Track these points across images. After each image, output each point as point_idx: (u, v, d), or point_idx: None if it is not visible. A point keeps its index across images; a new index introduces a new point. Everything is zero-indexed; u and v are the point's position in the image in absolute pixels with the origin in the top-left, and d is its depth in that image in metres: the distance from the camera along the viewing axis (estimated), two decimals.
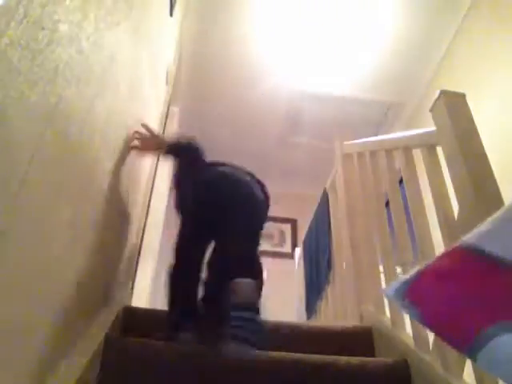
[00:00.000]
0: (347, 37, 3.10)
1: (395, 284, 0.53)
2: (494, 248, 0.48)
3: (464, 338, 0.45)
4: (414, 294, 0.51)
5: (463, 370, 1.01)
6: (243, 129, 3.96)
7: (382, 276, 1.58)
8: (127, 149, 1.36)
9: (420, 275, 0.52)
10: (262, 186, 1.51)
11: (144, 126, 1.55)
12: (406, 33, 3.05)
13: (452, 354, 1.02)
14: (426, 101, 3.22)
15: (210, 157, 1.57)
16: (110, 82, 1.01)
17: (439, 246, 1.12)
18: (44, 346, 0.77)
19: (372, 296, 1.64)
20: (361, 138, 2.06)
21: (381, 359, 1.29)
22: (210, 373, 1.14)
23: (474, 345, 0.44)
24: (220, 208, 1.35)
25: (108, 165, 1.10)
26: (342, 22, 3.00)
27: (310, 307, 2.53)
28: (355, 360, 1.21)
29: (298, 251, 3.19)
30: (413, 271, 0.53)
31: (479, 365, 0.44)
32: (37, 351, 0.74)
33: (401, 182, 1.48)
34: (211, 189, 1.40)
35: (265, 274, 1.56)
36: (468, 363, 0.99)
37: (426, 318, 0.50)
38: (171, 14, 2.08)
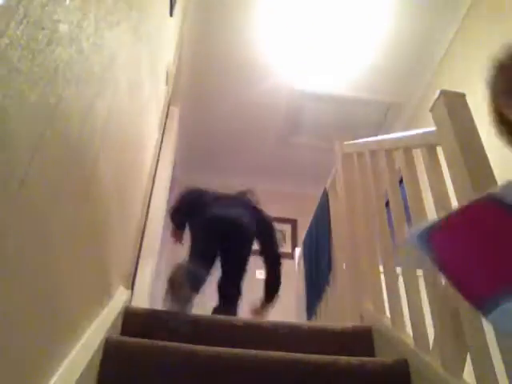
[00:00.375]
0: (347, 37, 3.10)
1: (420, 227, 0.51)
2: None
3: (482, 293, 0.44)
4: (437, 240, 0.49)
5: (463, 370, 1.01)
6: (243, 128, 3.96)
7: (382, 276, 1.58)
8: (127, 148, 1.36)
9: (446, 222, 0.50)
10: (259, 212, 2.15)
11: None
12: (406, 33, 3.05)
13: (452, 354, 1.02)
14: (425, 101, 3.22)
15: (209, 157, 1.57)
16: (109, 81, 1.01)
17: None
18: (43, 346, 0.77)
19: (372, 296, 1.64)
20: (361, 138, 2.06)
21: (380, 359, 1.29)
22: (210, 373, 1.14)
23: (492, 301, 0.43)
24: (223, 235, 1.99)
25: (108, 164, 1.10)
26: (341, 22, 3.01)
27: (310, 307, 2.53)
28: (355, 360, 1.21)
29: (298, 251, 3.19)
30: (438, 217, 0.51)
31: (490, 321, 0.43)
32: (37, 351, 0.74)
33: (401, 181, 1.48)
34: (212, 224, 2.01)
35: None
36: (468, 363, 0.98)
37: (446, 265, 0.49)
38: (171, 14, 2.08)
